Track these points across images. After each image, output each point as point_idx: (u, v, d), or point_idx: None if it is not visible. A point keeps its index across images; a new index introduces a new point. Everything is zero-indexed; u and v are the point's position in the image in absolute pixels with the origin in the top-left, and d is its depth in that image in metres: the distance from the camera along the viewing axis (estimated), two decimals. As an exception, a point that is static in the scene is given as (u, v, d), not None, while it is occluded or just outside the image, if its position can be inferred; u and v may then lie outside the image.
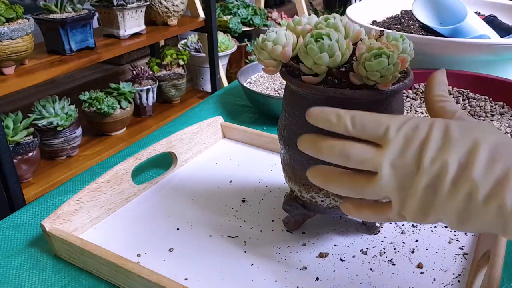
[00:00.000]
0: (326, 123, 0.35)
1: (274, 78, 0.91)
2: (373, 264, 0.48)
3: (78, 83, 2.00)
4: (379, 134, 0.34)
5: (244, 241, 0.52)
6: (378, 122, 0.34)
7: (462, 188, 0.31)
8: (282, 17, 2.90)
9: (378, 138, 0.34)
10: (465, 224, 0.32)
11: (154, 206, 0.59)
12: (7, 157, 1.21)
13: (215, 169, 0.66)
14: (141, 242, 0.52)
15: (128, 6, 1.63)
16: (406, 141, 0.33)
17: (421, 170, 0.32)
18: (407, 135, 0.33)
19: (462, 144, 0.32)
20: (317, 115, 0.36)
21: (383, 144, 0.34)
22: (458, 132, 0.33)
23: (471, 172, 0.31)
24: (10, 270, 0.49)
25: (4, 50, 1.25)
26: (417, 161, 0.33)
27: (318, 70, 0.42)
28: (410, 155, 0.33)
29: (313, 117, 0.36)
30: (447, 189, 0.32)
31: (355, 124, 0.35)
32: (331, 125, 0.35)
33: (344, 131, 0.35)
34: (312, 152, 0.37)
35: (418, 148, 0.33)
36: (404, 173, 0.33)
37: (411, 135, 0.33)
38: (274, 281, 0.46)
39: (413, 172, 0.33)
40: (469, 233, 0.52)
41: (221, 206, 0.58)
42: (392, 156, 0.33)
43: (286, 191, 0.56)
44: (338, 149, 0.35)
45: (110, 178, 0.57)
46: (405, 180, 0.33)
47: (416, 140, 0.33)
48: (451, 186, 0.32)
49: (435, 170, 0.32)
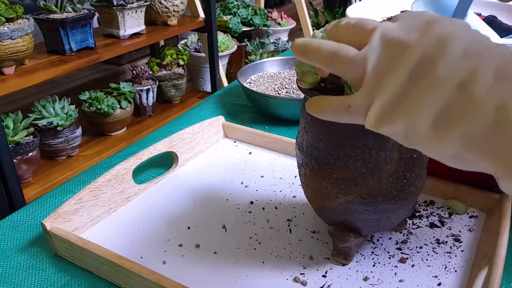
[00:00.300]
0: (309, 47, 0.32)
1: (274, 78, 0.91)
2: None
3: (78, 83, 2.00)
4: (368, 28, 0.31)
5: (250, 241, 0.52)
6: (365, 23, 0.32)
7: (457, 77, 0.27)
8: (282, 17, 2.90)
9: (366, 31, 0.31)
10: (445, 131, 0.27)
11: (154, 205, 0.59)
12: (7, 157, 1.21)
13: (216, 169, 0.66)
14: (141, 241, 0.52)
15: (128, 6, 1.63)
16: (405, 22, 0.30)
17: (415, 47, 0.28)
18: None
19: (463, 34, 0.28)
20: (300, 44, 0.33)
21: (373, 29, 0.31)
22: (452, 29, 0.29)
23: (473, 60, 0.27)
24: (10, 269, 0.49)
25: (4, 50, 1.25)
26: (414, 36, 0.29)
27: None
28: (410, 30, 0.29)
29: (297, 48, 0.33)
30: (438, 77, 0.27)
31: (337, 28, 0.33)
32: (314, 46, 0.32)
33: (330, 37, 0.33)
34: (300, 54, 0.34)
35: (420, 27, 0.29)
36: (394, 46, 0.29)
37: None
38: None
39: (404, 47, 0.29)
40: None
41: (222, 206, 0.58)
42: (389, 26, 0.30)
43: (299, 206, 0.56)
44: (328, 44, 0.32)
45: (111, 177, 0.57)
46: (392, 53, 0.29)
47: (417, 22, 0.30)
48: (444, 72, 0.27)
49: (430, 48, 0.28)
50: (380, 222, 0.46)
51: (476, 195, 0.56)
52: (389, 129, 0.30)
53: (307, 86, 0.43)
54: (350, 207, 0.44)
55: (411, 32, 0.30)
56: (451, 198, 0.57)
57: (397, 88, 0.29)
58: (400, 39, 0.30)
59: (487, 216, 0.55)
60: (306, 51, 0.33)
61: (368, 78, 0.30)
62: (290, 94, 0.84)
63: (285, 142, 0.69)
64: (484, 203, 0.55)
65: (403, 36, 0.30)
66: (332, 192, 0.44)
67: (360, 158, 0.42)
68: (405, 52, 0.29)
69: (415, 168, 0.43)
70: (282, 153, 0.70)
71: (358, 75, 0.31)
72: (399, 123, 0.29)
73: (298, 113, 0.74)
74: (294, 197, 0.59)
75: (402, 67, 0.29)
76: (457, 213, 0.56)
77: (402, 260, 0.49)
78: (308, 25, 2.82)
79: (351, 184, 0.43)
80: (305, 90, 0.43)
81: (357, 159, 0.42)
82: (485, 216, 0.55)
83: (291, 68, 0.96)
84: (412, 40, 0.29)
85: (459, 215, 0.55)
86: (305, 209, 0.57)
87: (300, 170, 0.48)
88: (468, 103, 0.26)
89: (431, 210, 0.56)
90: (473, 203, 0.56)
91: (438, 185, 0.58)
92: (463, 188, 0.56)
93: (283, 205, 0.58)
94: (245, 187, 0.62)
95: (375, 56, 0.30)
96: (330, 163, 0.43)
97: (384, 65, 0.30)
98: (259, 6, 2.86)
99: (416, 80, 0.28)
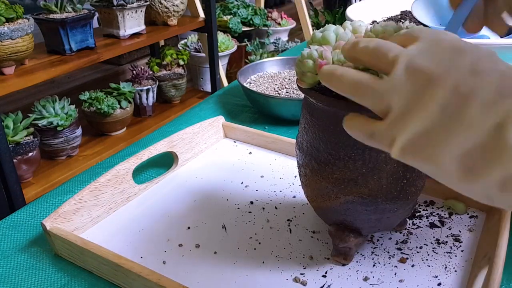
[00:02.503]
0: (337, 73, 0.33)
1: (274, 78, 0.91)
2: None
3: (78, 83, 2.00)
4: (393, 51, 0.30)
5: (250, 241, 0.52)
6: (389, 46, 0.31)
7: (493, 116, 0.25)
8: (282, 17, 2.90)
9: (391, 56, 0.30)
10: (477, 173, 0.26)
11: (155, 205, 0.59)
12: (7, 157, 1.21)
13: (216, 169, 0.66)
14: (141, 241, 0.52)
15: (128, 6, 1.63)
16: (428, 47, 0.29)
17: (445, 79, 0.27)
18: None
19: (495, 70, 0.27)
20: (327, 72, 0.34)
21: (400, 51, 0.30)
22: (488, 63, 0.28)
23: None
24: (10, 269, 0.49)
25: (4, 50, 1.25)
26: (443, 67, 0.27)
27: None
28: (437, 59, 0.28)
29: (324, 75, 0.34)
30: (476, 112, 0.26)
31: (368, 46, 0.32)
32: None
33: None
34: (326, 82, 0.34)
35: (447, 57, 0.28)
36: (421, 78, 0.28)
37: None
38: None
39: (433, 80, 0.27)
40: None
41: (222, 206, 0.58)
42: (412, 53, 0.29)
43: (300, 206, 0.56)
44: (350, 74, 0.32)
45: (111, 177, 0.57)
46: (420, 86, 0.28)
47: (446, 45, 0.29)
48: (481, 110, 0.26)
49: (462, 83, 0.27)
50: (380, 222, 0.46)
51: (476, 195, 0.56)
52: (415, 163, 0.29)
53: (307, 86, 0.43)
54: (350, 207, 0.44)
55: (438, 61, 0.28)
56: (451, 198, 0.57)
57: (426, 123, 0.27)
58: (427, 69, 0.28)
59: (487, 216, 0.55)
60: (331, 79, 0.34)
61: (394, 112, 0.29)
62: (290, 94, 0.84)
63: (285, 142, 0.69)
64: (484, 203, 0.55)
65: (430, 66, 0.28)
66: (332, 192, 0.44)
67: (360, 158, 0.42)
68: (434, 85, 0.27)
69: (415, 168, 0.43)
70: (282, 153, 0.70)
71: (383, 106, 0.30)
72: (426, 160, 0.28)
73: (298, 113, 0.74)
74: (294, 197, 0.59)
75: (431, 102, 0.27)
76: (457, 213, 0.56)
77: (402, 260, 0.49)
78: (308, 25, 2.82)
79: (351, 184, 0.43)
80: (305, 90, 0.43)
81: (357, 159, 0.42)
82: (485, 216, 0.55)
83: (291, 68, 0.96)
84: (441, 72, 0.28)
85: (459, 215, 0.55)
86: (305, 209, 0.57)
87: (300, 170, 0.48)
88: (506, 145, 0.25)
89: (431, 210, 0.56)
90: (473, 203, 0.56)
91: (438, 185, 0.57)
92: (463, 188, 0.56)
93: (283, 205, 0.58)
94: (245, 187, 0.62)
95: (401, 88, 0.29)
96: (330, 163, 0.43)
97: (410, 98, 0.28)
98: (259, 6, 2.86)
99: (447, 118, 0.27)
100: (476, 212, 0.55)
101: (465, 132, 0.26)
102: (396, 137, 0.29)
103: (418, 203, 0.57)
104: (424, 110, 0.27)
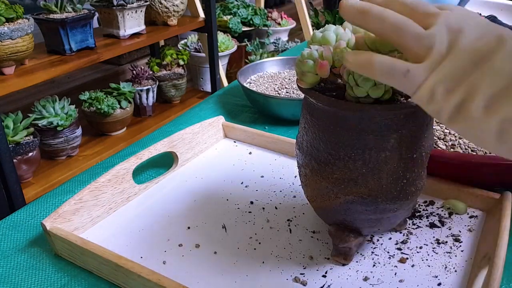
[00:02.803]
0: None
1: (274, 78, 0.91)
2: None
3: (78, 83, 2.00)
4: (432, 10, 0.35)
5: (250, 241, 0.52)
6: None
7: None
8: (282, 17, 2.90)
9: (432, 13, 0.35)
10: (495, 110, 0.31)
11: (155, 205, 0.59)
12: (7, 157, 1.21)
13: (216, 169, 0.66)
14: (141, 241, 0.52)
15: (128, 6, 1.63)
16: (463, 17, 0.34)
17: (475, 40, 0.33)
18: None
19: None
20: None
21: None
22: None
23: None
24: (10, 269, 0.49)
25: (4, 50, 1.25)
26: (474, 33, 0.33)
27: (374, 96, 0.40)
28: (468, 24, 0.33)
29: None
30: (498, 66, 0.32)
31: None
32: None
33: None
34: (358, 17, 0.35)
35: (475, 25, 0.34)
36: (456, 34, 0.33)
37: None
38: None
39: (467, 36, 0.33)
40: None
41: (222, 206, 0.58)
42: (449, 14, 0.34)
43: (299, 206, 0.56)
44: (393, 14, 0.35)
45: (111, 177, 0.57)
46: (455, 40, 0.33)
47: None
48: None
49: (490, 42, 0.32)
50: (380, 222, 0.46)
51: (476, 195, 0.56)
52: (438, 105, 0.33)
53: (307, 86, 0.43)
54: (350, 207, 0.44)
55: (472, 26, 0.34)
56: (451, 198, 0.57)
57: (458, 69, 0.32)
58: (463, 28, 0.33)
59: (487, 216, 0.55)
60: (367, 15, 0.35)
61: (434, 54, 0.33)
62: (290, 94, 0.84)
63: (285, 142, 0.69)
64: (484, 203, 0.55)
65: (465, 26, 0.34)
66: (332, 192, 0.44)
67: (360, 158, 0.42)
68: (467, 40, 0.33)
69: (415, 168, 0.43)
70: (282, 153, 0.70)
71: (422, 51, 0.34)
72: (454, 98, 0.32)
73: (298, 113, 0.74)
74: (294, 197, 0.59)
75: (465, 53, 0.33)
76: (457, 213, 0.56)
77: (402, 260, 0.49)
78: (308, 25, 2.82)
79: (351, 184, 0.43)
80: (305, 90, 0.43)
81: (357, 159, 0.42)
82: (485, 216, 0.55)
83: (291, 68, 0.96)
84: (474, 32, 0.33)
85: (459, 215, 0.55)
86: (305, 209, 0.57)
87: (300, 170, 0.48)
88: None
89: (431, 210, 0.56)
90: (473, 203, 0.56)
91: (438, 185, 0.58)
92: (463, 188, 0.56)
93: (283, 205, 0.58)
94: (245, 187, 0.62)
95: (442, 38, 0.33)
96: (330, 163, 0.43)
97: (448, 48, 0.33)
98: (259, 6, 2.86)
99: (477, 67, 0.32)
100: (476, 212, 0.55)
101: (491, 77, 0.31)
102: (429, 76, 0.33)
103: (418, 203, 0.57)
104: (458, 58, 0.33)
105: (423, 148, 0.43)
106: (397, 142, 0.41)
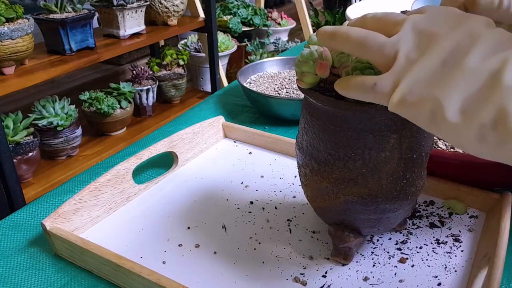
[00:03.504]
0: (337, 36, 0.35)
1: (274, 78, 0.91)
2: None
3: (78, 83, 2.00)
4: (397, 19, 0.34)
5: (250, 241, 0.52)
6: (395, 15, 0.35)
7: (488, 66, 0.29)
8: (282, 17, 2.90)
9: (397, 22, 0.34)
10: (473, 114, 0.29)
11: (155, 205, 0.59)
12: (7, 157, 1.21)
13: (216, 169, 0.66)
14: (141, 241, 0.52)
15: (128, 6, 1.63)
16: (433, 15, 0.33)
17: (446, 37, 0.31)
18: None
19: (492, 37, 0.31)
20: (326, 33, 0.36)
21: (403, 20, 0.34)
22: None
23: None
24: (10, 269, 0.49)
25: (4, 50, 1.25)
26: (445, 29, 0.32)
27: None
28: (439, 23, 0.32)
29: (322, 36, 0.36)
30: (471, 66, 0.30)
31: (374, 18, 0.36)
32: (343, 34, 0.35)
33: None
34: (328, 39, 0.36)
35: (449, 22, 0.32)
36: (425, 35, 0.32)
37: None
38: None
39: (436, 37, 0.32)
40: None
41: (222, 206, 0.58)
42: (418, 17, 0.33)
43: (299, 206, 0.56)
44: (356, 30, 0.35)
45: (111, 177, 0.57)
46: (424, 41, 0.32)
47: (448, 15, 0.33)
48: (478, 65, 0.29)
49: (462, 40, 0.31)
50: (380, 222, 0.46)
51: (476, 195, 0.56)
52: (413, 110, 0.31)
53: (306, 86, 0.43)
54: (350, 207, 0.44)
55: (442, 24, 0.32)
56: (451, 198, 0.57)
57: (428, 72, 0.31)
58: (431, 29, 0.32)
59: (487, 216, 0.55)
60: (334, 36, 0.36)
61: (399, 61, 0.32)
62: (290, 94, 0.84)
63: (285, 142, 0.69)
64: (484, 203, 0.55)
65: (433, 27, 0.32)
66: (332, 192, 0.44)
67: (360, 158, 0.42)
68: (437, 41, 0.31)
69: (415, 168, 0.43)
70: (282, 153, 0.70)
71: (387, 60, 0.33)
72: (428, 104, 0.30)
73: (298, 113, 0.75)
74: (294, 197, 0.59)
75: (434, 54, 0.31)
76: (457, 213, 0.56)
77: (402, 260, 0.49)
78: (308, 25, 2.82)
79: (351, 184, 0.43)
80: (305, 90, 0.43)
81: (357, 159, 0.42)
82: (485, 216, 0.55)
83: (291, 68, 0.96)
84: (443, 32, 0.32)
85: (459, 215, 0.55)
86: (305, 209, 0.57)
87: (300, 170, 0.48)
88: (500, 84, 0.28)
89: (431, 210, 0.56)
90: (473, 203, 0.56)
91: (438, 185, 0.58)
92: (463, 188, 0.56)
93: (283, 205, 0.58)
94: (245, 187, 0.62)
95: (407, 42, 0.32)
96: (330, 163, 0.43)
97: (415, 51, 0.32)
98: (259, 6, 2.86)
99: (448, 67, 0.30)
100: (476, 212, 0.56)
101: (465, 79, 0.30)
102: (399, 83, 0.32)
103: (418, 203, 0.57)
104: (427, 61, 0.31)
105: (423, 148, 0.43)
106: (397, 142, 0.41)
